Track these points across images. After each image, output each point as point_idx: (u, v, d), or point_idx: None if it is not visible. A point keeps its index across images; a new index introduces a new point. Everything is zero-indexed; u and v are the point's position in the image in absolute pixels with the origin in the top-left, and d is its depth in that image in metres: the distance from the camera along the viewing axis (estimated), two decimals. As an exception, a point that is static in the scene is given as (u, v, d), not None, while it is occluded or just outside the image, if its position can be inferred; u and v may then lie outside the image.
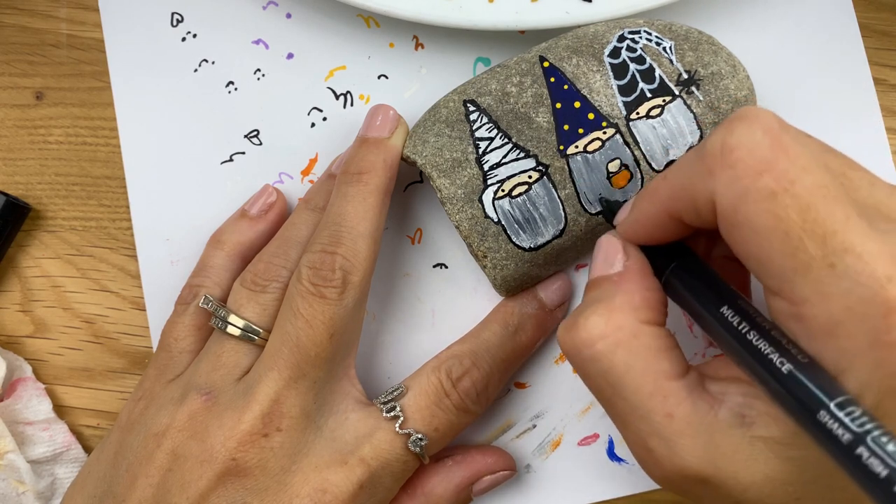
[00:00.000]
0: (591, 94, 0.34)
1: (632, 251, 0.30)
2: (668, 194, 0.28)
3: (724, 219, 0.26)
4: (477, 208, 0.34)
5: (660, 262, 0.30)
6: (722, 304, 0.27)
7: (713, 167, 0.26)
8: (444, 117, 0.35)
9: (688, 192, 0.27)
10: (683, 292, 0.29)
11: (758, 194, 0.24)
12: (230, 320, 0.33)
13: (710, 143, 0.26)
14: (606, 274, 0.30)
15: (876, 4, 0.39)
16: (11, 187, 0.39)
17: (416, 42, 0.39)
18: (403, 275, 0.38)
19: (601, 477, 0.37)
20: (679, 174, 0.28)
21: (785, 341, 0.25)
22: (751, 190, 0.25)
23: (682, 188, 0.27)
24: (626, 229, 0.31)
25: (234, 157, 0.39)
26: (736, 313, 0.27)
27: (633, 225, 0.30)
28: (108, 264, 0.39)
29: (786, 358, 0.24)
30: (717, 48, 0.34)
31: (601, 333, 0.28)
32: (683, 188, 0.27)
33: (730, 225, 0.25)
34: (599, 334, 0.28)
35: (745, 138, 0.25)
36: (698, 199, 0.26)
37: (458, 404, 0.33)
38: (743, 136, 0.25)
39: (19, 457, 0.36)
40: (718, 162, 0.25)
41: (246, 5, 0.39)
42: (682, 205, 0.27)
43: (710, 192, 0.26)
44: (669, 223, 0.29)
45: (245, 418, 0.31)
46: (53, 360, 0.39)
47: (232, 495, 0.30)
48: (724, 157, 0.25)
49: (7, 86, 0.39)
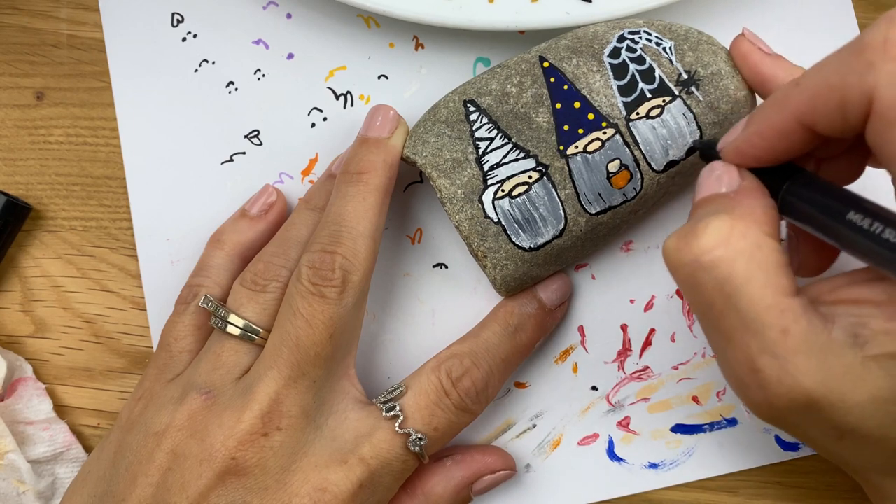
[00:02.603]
0: (591, 95, 0.34)
1: (745, 173, 0.29)
2: (805, 98, 0.27)
3: (881, 115, 0.25)
4: (477, 208, 0.34)
5: (772, 183, 0.29)
6: (849, 209, 0.26)
7: (874, 59, 0.25)
8: (444, 117, 0.35)
9: (836, 89, 0.26)
10: (805, 206, 0.28)
11: None
12: (230, 320, 0.33)
13: (870, 35, 0.25)
14: (720, 192, 0.29)
15: (876, 4, 0.39)
16: (12, 187, 0.39)
17: (416, 42, 0.39)
18: (403, 275, 0.38)
19: (601, 477, 0.37)
20: (823, 73, 0.26)
21: None
22: None
23: (828, 88, 0.26)
24: (738, 147, 0.29)
25: (235, 157, 0.39)
26: (866, 215, 0.26)
27: (750, 138, 0.29)
28: (109, 264, 0.39)
29: None
30: (716, 48, 0.34)
31: (723, 240, 0.27)
32: (830, 87, 0.26)
33: (887, 122, 0.24)
34: (722, 239, 0.27)
35: None
36: (850, 95, 0.25)
37: (458, 404, 0.33)
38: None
39: (20, 456, 0.36)
40: (881, 54, 0.25)
41: (246, 5, 0.39)
42: (824, 106, 0.26)
43: (868, 87, 0.25)
44: (796, 133, 0.28)
45: (245, 417, 0.31)
46: (54, 360, 0.39)
47: (232, 494, 0.30)
48: (887, 49, 0.24)
49: (7, 86, 0.39)
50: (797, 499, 0.38)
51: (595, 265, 0.38)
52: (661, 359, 0.38)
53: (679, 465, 0.37)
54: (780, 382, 0.26)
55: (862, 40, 0.25)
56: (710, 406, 0.38)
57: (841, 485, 0.37)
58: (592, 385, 0.38)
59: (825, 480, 0.38)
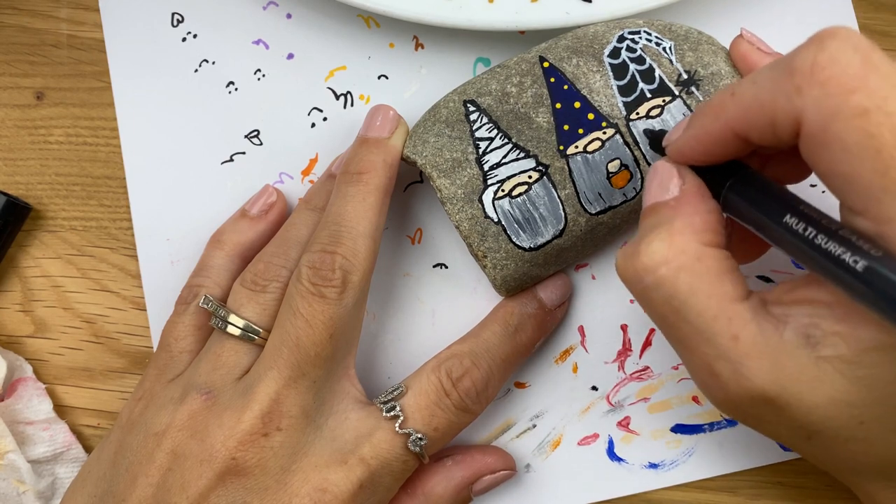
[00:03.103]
0: (591, 95, 0.34)
1: (687, 174, 0.30)
2: (738, 111, 0.27)
3: (810, 137, 0.25)
4: (477, 208, 0.34)
5: (715, 181, 0.29)
6: (786, 212, 0.26)
7: (802, 84, 0.25)
8: (444, 117, 0.35)
9: (766, 109, 0.26)
10: (745, 206, 0.28)
11: (850, 112, 0.24)
12: (230, 320, 0.33)
13: (799, 59, 0.25)
14: (663, 200, 0.29)
15: (876, 5, 0.39)
16: (12, 187, 0.39)
17: (416, 42, 0.39)
18: (403, 275, 0.38)
19: (601, 477, 0.38)
20: (755, 91, 0.27)
21: (855, 238, 0.24)
22: (842, 107, 0.24)
23: (759, 105, 0.26)
24: (679, 148, 0.30)
25: (235, 157, 0.39)
26: (801, 220, 0.26)
27: (689, 142, 0.29)
28: (109, 264, 0.39)
29: (859, 255, 0.24)
30: (716, 48, 0.34)
31: (663, 258, 0.27)
32: (762, 105, 0.26)
33: (817, 144, 0.25)
34: (662, 259, 0.27)
35: (836, 55, 0.25)
36: (779, 117, 0.26)
37: (458, 404, 0.33)
38: (835, 53, 0.25)
39: (20, 456, 0.36)
40: (808, 79, 0.25)
41: (246, 5, 0.39)
42: (755, 122, 0.27)
43: (796, 111, 0.25)
44: (732, 141, 0.28)
45: (245, 418, 0.31)
46: (54, 360, 0.39)
47: (232, 495, 0.30)
48: (814, 74, 0.25)
49: (7, 86, 0.39)
50: (797, 499, 0.38)
51: (595, 265, 0.38)
52: (661, 359, 0.38)
53: (679, 465, 0.37)
54: (737, 384, 0.27)
55: (791, 62, 0.26)
56: (710, 406, 0.38)
57: (841, 485, 0.37)
58: (592, 385, 0.38)
59: (825, 480, 0.38)
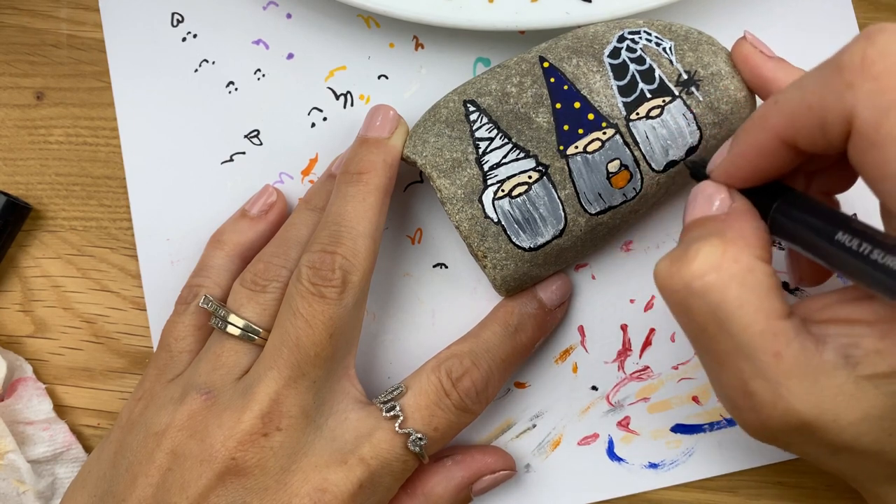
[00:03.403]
0: (591, 95, 0.34)
1: (735, 193, 0.29)
2: (785, 117, 0.27)
3: (861, 136, 0.24)
4: (477, 208, 0.34)
5: (761, 203, 0.29)
6: (837, 229, 0.26)
7: (853, 80, 0.24)
8: (444, 117, 0.35)
9: (815, 111, 0.25)
10: (794, 227, 0.28)
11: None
12: (230, 320, 0.33)
13: (848, 55, 0.25)
14: (711, 214, 0.29)
15: (876, 4, 0.39)
16: (12, 187, 0.39)
17: (416, 42, 0.39)
18: (403, 275, 0.38)
19: (601, 477, 0.37)
20: (802, 93, 0.26)
21: None
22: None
23: (807, 107, 0.26)
24: (727, 168, 0.29)
25: (235, 157, 0.39)
26: (854, 236, 0.25)
27: (735, 161, 0.29)
28: (109, 264, 0.39)
29: None
30: (717, 48, 0.34)
31: (715, 265, 0.26)
32: (810, 107, 0.26)
33: (868, 143, 0.24)
34: (713, 266, 0.26)
35: (888, 48, 0.24)
36: (829, 116, 0.25)
37: (458, 404, 0.33)
38: (886, 46, 0.24)
39: (20, 456, 0.36)
40: (859, 74, 0.24)
41: (246, 5, 0.39)
42: (804, 126, 0.26)
43: (847, 108, 0.24)
44: (779, 152, 0.27)
45: (245, 418, 0.31)
46: (54, 360, 0.39)
47: (232, 495, 0.30)
48: (865, 69, 0.24)
49: (7, 86, 0.39)
50: (797, 499, 0.38)
51: (595, 265, 0.38)
52: (661, 359, 0.38)
53: (679, 465, 0.37)
54: (774, 406, 0.26)
55: (840, 59, 0.25)
56: (710, 406, 0.38)
57: (841, 485, 0.37)
58: (592, 385, 0.38)
59: (825, 480, 0.38)
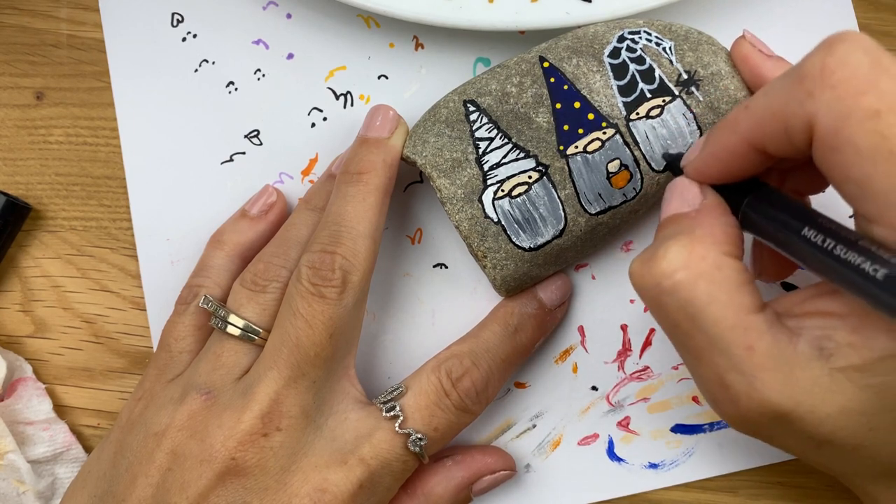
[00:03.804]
0: (591, 95, 0.34)
1: (707, 190, 0.30)
2: (753, 122, 0.27)
3: (822, 142, 0.25)
4: (477, 208, 0.34)
5: (733, 199, 0.30)
6: (804, 225, 0.27)
7: (813, 88, 0.25)
8: (444, 117, 0.35)
9: (779, 116, 0.26)
10: (763, 222, 0.29)
11: (861, 114, 0.24)
12: (230, 320, 0.33)
13: (808, 64, 0.25)
14: (683, 211, 0.29)
15: (876, 5, 0.39)
16: (12, 187, 0.39)
17: (416, 42, 0.39)
18: (403, 275, 0.38)
19: (601, 477, 0.38)
20: (768, 100, 0.27)
21: (875, 248, 0.24)
22: (854, 110, 0.24)
23: (772, 114, 0.27)
24: (698, 166, 0.30)
25: (235, 157, 0.39)
26: (819, 232, 0.26)
27: (707, 159, 0.30)
28: (109, 264, 0.39)
29: (878, 264, 0.24)
30: (716, 48, 0.34)
31: (683, 263, 0.27)
32: (774, 114, 0.26)
33: (829, 148, 0.25)
34: (681, 264, 0.27)
35: (846, 58, 0.25)
36: (792, 123, 0.26)
37: (458, 404, 0.33)
38: (844, 56, 0.25)
39: (19, 457, 0.36)
40: (818, 83, 0.25)
41: (246, 5, 0.39)
42: (770, 131, 0.27)
43: (809, 115, 0.25)
44: (749, 155, 0.28)
45: (245, 418, 0.31)
46: (54, 360, 0.39)
47: (231, 495, 0.30)
48: (824, 77, 0.25)
49: (7, 86, 0.39)
50: (797, 499, 0.38)
51: (595, 265, 0.38)
52: (661, 359, 0.38)
53: (679, 465, 0.37)
54: (749, 397, 0.27)
55: (801, 68, 0.26)
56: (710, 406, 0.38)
57: (841, 485, 0.37)
58: (592, 385, 0.38)
59: (825, 480, 0.38)
